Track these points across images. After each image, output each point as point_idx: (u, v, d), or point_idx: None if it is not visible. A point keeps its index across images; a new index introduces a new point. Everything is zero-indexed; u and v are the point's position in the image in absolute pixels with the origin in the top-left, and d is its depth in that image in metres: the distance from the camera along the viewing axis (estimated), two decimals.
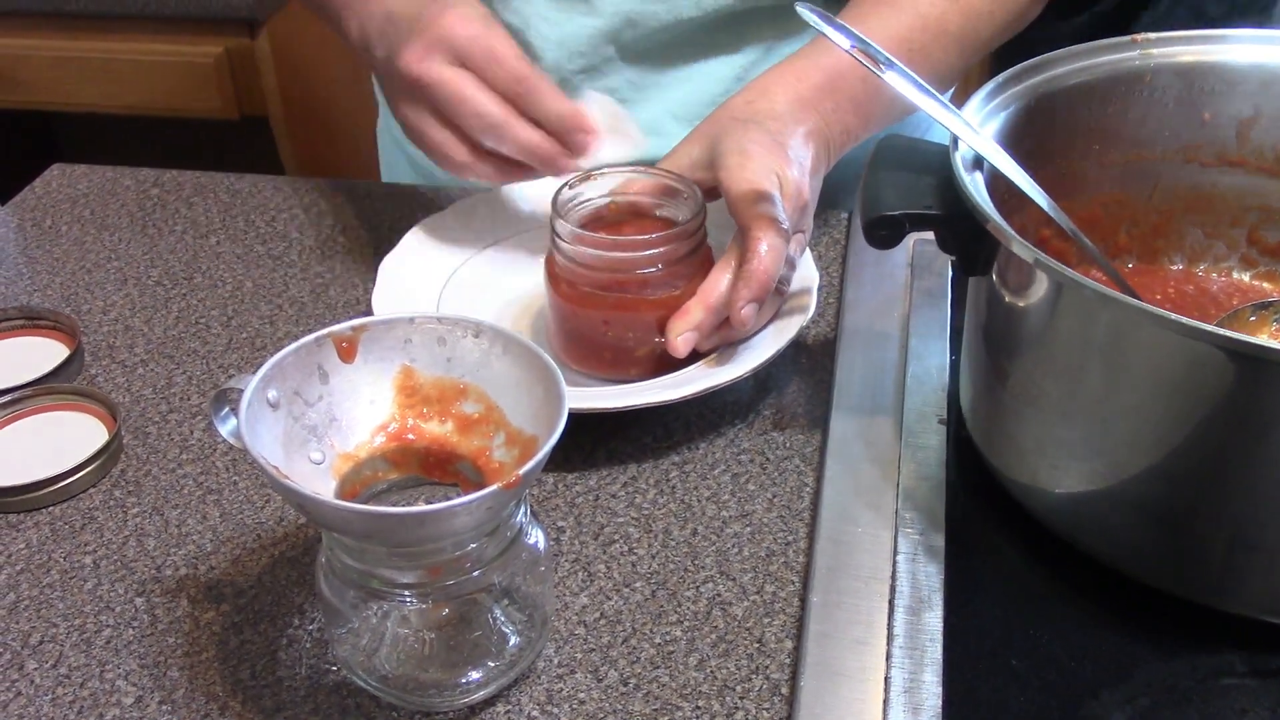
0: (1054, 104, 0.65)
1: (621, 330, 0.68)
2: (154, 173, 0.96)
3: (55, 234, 0.89)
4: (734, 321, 0.66)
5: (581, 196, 0.71)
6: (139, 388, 0.74)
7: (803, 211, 0.70)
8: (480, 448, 0.54)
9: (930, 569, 0.58)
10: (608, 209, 0.71)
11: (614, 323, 0.68)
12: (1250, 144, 0.68)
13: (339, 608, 0.53)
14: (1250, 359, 0.48)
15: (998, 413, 0.62)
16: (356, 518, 0.48)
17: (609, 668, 0.56)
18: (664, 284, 0.67)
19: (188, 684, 0.56)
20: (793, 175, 0.69)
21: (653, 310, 0.67)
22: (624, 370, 0.69)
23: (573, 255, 0.67)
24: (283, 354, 0.52)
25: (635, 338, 0.68)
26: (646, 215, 0.71)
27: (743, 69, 0.89)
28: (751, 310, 0.66)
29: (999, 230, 0.54)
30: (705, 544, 0.62)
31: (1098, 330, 0.53)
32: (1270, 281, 0.71)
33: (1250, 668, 0.54)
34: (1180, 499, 0.54)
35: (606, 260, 0.67)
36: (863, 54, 0.59)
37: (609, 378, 0.69)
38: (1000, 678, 0.54)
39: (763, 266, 0.66)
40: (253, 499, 0.66)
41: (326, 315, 0.79)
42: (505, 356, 0.54)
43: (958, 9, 0.79)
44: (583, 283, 0.68)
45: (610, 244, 0.67)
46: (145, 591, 0.60)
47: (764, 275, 0.66)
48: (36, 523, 0.64)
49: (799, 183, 0.69)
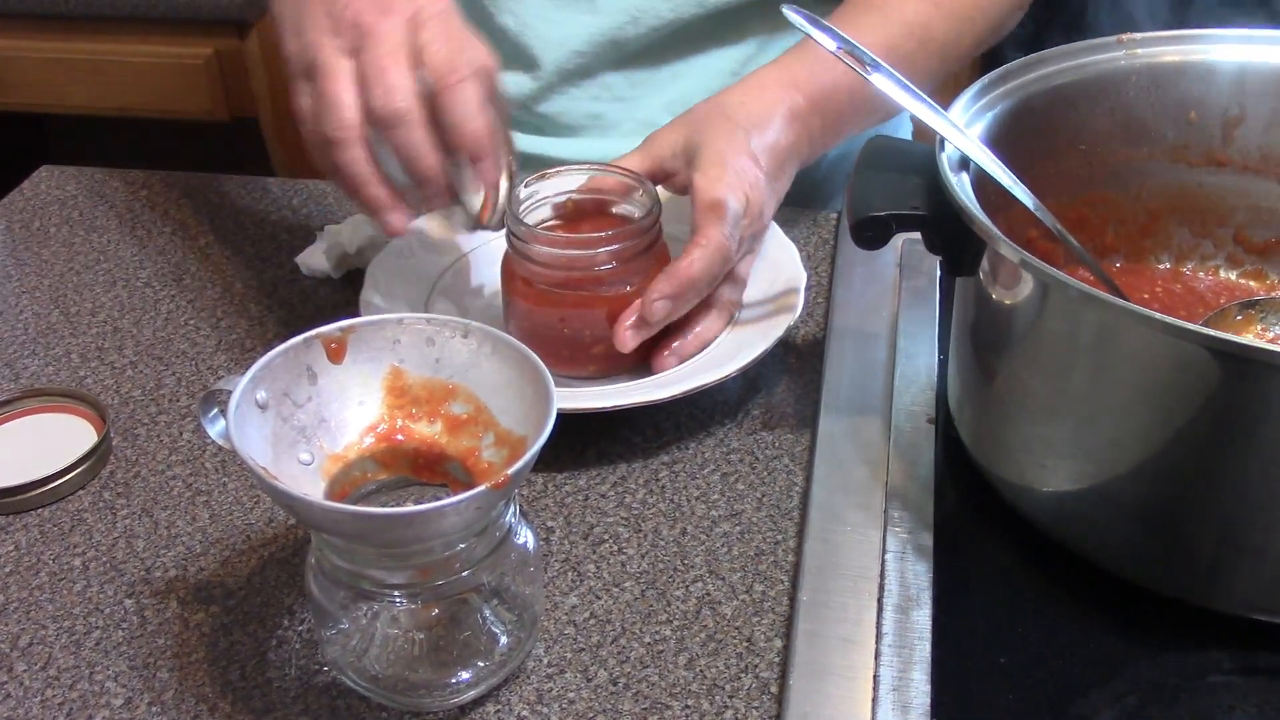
0: (1041, 104, 0.66)
1: (578, 326, 0.68)
2: (143, 174, 0.96)
3: (44, 236, 0.89)
4: (643, 312, 0.67)
5: (538, 195, 0.71)
6: (128, 389, 0.74)
7: (757, 235, 0.71)
8: (469, 448, 0.55)
9: (919, 567, 0.58)
10: (564, 206, 0.72)
11: (570, 320, 0.68)
12: (1236, 143, 0.68)
13: (328, 608, 0.53)
14: (1234, 358, 0.48)
15: (985, 412, 0.62)
16: (345, 518, 0.48)
17: (598, 667, 0.56)
18: (619, 280, 0.68)
19: (177, 685, 0.56)
20: (759, 198, 0.69)
21: (608, 306, 0.68)
22: (582, 366, 0.70)
23: (528, 253, 0.67)
24: (271, 355, 0.52)
25: (591, 334, 0.68)
26: (603, 213, 0.72)
27: (739, 63, 0.89)
28: (663, 306, 0.66)
29: (985, 230, 0.54)
30: (694, 543, 0.62)
31: (1083, 330, 0.53)
32: (1257, 279, 0.72)
33: (1237, 665, 0.55)
34: (1167, 498, 0.54)
35: (561, 258, 0.67)
36: (849, 55, 0.59)
37: (567, 374, 0.70)
38: (988, 676, 0.54)
39: (688, 269, 0.66)
40: (242, 500, 0.65)
41: (316, 317, 0.79)
42: (494, 357, 0.54)
43: (942, 15, 0.79)
44: (539, 280, 0.68)
45: (565, 241, 0.68)
46: (135, 593, 0.60)
47: (684, 276, 0.66)
48: (25, 524, 0.64)
49: (763, 205, 0.69)
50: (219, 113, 1.81)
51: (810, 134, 0.73)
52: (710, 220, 0.67)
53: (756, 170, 0.69)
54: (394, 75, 0.60)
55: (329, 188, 0.93)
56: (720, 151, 0.69)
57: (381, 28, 0.61)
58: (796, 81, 0.74)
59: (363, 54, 0.61)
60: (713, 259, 0.66)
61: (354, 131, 0.61)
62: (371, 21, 0.61)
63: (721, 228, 0.66)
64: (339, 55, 0.61)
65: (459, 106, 0.61)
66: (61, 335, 0.78)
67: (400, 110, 0.60)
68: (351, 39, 0.61)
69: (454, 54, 0.61)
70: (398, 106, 0.60)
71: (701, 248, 0.66)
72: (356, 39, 0.61)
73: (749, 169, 0.69)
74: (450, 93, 0.61)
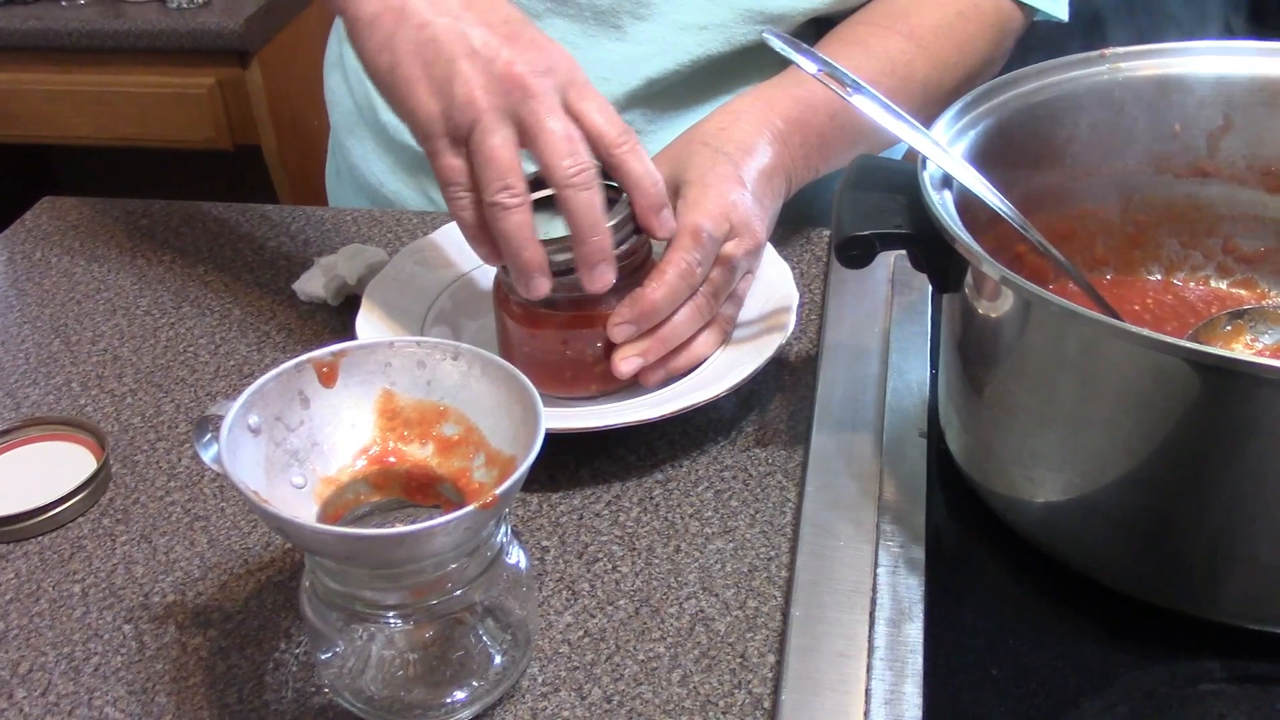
0: (1025, 119, 0.66)
1: (581, 347, 0.68)
2: (142, 203, 0.97)
3: (45, 266, 0.90)
4: (610, 334, 0.67)
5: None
6: (127, 416, 0.74)
7: (754, 253, 0.71)
8: (461, 469, 0.55)
9: (911, 581, 0.59)
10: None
11: (573, 340, 0.68)
12: (1221, 154, 0.69)
13: (323, 630, 0.54)
14: (1216, 370, 0.49)
15: (975, 426, 0.62)
16: (335, 540, 0.48)
17: (593, 685, 0.56)
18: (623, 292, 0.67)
19: (175, 709, 0.56)
20: (748, 217, 0.70)
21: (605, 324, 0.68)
22: (585, 387, 0.70)
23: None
24: (263, 380, 0.53)
25: (594, 353, 0.68)
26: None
27: None
28: (626, 330, 0.67)
29: (966, 249, 0.54)
30: (688, 560, 0.63)
31: (1067, 345, 0.53)
32: (1247, 288, 0.72)
33: (1228, 674, 0.55)
34: (1155, 509, 0.54)
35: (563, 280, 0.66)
36: (830, 78, 0.60)
37: (569, 396, 0.70)
38: (981, 688, 0.55)
39: (650, 295, 0.66)
40: (239, 525, 0.66)
41: (314, 342, 0.80)
42: (484, 378, 0.55)
43: (925, 56, 0.81)
44: (537, 302, 0.67)
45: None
46: (133, 618, 0.61)
47: (645, 302, 0.66)
48: (26, 552, 0.65)
49: (749, 222, 0.70)
50: (222, 141, 1.83)
51: (792, 153, 0.74)
52: (677, 246, 0.67)
53: (741, 190, 0.70)
54: (578, 139, 0.63)
55: (327, 214, 0.94)
56: (703, 176, 0.69)
57: (543, 87, 0.62)
58: (772, 104, 0.75)
59: (532, 116, 0.62)
60: (675, 285, 0.67)
61: (526, 196, 0.63)
62: (535, 83, 0.62)
63: (688, 253, 0.67)
64: (502, 117, 0.62)
65: (638, 164, 0.65)
66: (62, 364, 0.79)
67: (592, 173, 0.63)
68: (513, 99, 0.62)
69: (616, 117, 0.65)
70: (591, 169, 0.63)
71: (663, 274, 0.67)
72: (519, 100, 0.62)
73: (730, 191, 0.69)
74: (628, 155, 0.64)
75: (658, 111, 0.89)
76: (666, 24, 0.86)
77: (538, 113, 0.62)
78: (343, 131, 1.00)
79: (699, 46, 0.86)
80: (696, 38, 0.86)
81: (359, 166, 0.99)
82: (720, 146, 0.72)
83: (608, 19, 0.86)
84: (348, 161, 1.01)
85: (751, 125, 0.74)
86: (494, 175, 0.62)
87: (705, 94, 0.88)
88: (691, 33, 0.86)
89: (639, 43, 0.86)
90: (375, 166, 0.98)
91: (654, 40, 0.86)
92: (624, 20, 0.86)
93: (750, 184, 0.71)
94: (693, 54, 0.86)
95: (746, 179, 0.71)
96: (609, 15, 0.86)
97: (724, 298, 0.70)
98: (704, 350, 0.71)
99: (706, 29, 0.85)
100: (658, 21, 0.86)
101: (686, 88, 0.88)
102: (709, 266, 0.68)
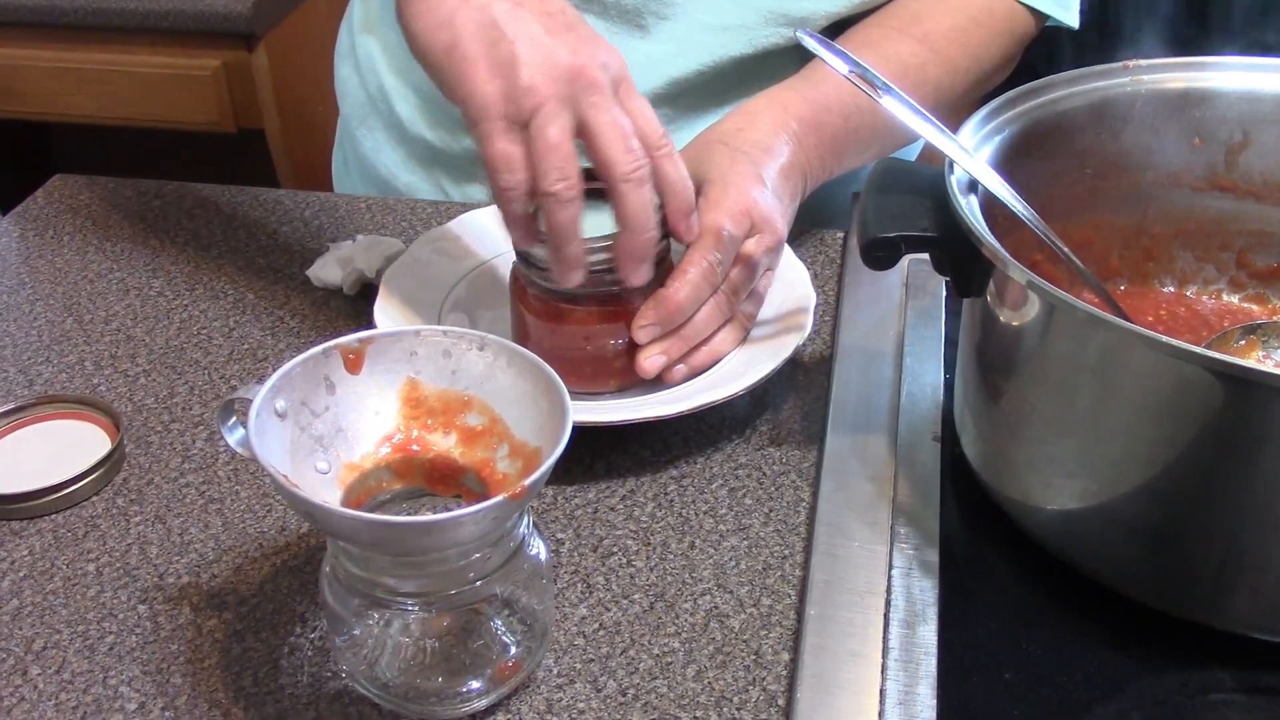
0: (1047, 128, 0.66)
1: (602, 342, 0.69)
2: (155, 184, 0.96)
3: (57, 244, 0.90)
4: (635, 335, 0.68)
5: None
6: (141, 397, 0.74)
7: (775, 250, 0.72)
8: (484, 459, 0.55)
9: (925, 583, 0.59)
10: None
11: (594, 335, 0.68)
12: (1239, 168, 0.69)
13: (342, 615, 0.54)
14: (1237, 380, 0.49)
15: (991, 431, 0.63)
16: (364, 526, 0.48)
17: (608, 678, 0.57)
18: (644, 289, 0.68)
19: (190, 691, 0.56)
20: (769, 214, 0.70)
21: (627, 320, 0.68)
22: (604, 382, 0.70)
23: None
24: (290, 365, 0.53)
25: (614, 349, 0.69)
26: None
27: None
28: (651, 331, 0.67)
29: (993, 253, 0.55)
30: (703, 557, 0.63)
31: (1089, 351, 0.54)
32: (1259, 304, 0.73)
33: (1239, 684, 0.55)
34: (1170, 518, 0.55)
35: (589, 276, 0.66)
36: (860, 79, 0.60)
37: (588, 391, 0.70)
38: (993, 691, 0.55)
39: (674, 295, 0.67)
40: (254, 508, 0.66)
41: (327, 327, 0.80)
42: (510, 370, 0.55)
43: (937, 60, 0.81)
44: (558, 298, 0.68)
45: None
46: (148, 599, 0.61)
47: (670, 303, 0.67)
48: (39, 530, 0.65)
49: (769, 219, 0.70)
50: (225, 124, 1.82)
51: (808, 153, 0.75)
52: (700, 245, 0.67)
53: (761, 188, 0.70)
54: (631, 135, 0.62)
55: (340, 201, 0.94)
56: (723, 175, 0.70)
57: (604, 80, 0.62)
58: (786, 106, 0.76)
59: (594, 109, 0.62)
60: (698, 285, 0.67)
61: (580, 189, 0.62)
62: (598, 76, 0.62)
63: (710, 253, 0.67)
64: (564, 106, 0.61)
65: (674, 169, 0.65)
66: (75, 343, 0.79)
67: (648, 170, 0.63)
68: (575, 89, 0.61)
69: (656, 120, 0.65)
70: (646, 166, 0.63)
71: (685, 274, 0.67)
72: (581, 90, 0.62)
73: (751, 189, 0.70)
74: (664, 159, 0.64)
75: (679, 111, 0.89)
76: (690, 24, 0.86)
77: (599, 105, 0.62)
78: (354, 122, 1.00)
79: (721, 47, 0.86)
80: (719, 38, 0.86)
81: (370, 158, 0.99)
82: (739, 146, 0.72)
83: (632, 18, 0.86)
84: (358, 152, 1.01)
85: (768, 125, 0.75)
86: (553, 165, 0.61)
87: (726, 96, 0.89)
88: (714, 33, 0.86)
89: (662, 42, 0.87)
90: (387, 159, 0.98)
91: (677, 40, 0.86)
92: (648, 20, 0.86)
93: (770, 182, 0.71)
94: (715, 55, 0.86)
95: (766, 177, 0.71)
96: (633, 14, 0.86)
97: (744, 295, 0.71)
98: (724, 347, 0.71)
99: (729, 30, 0.86)
100: (681, 21, 0.86)
101: (708, 89, 0.88)
102: (730, 265, 0.69)
